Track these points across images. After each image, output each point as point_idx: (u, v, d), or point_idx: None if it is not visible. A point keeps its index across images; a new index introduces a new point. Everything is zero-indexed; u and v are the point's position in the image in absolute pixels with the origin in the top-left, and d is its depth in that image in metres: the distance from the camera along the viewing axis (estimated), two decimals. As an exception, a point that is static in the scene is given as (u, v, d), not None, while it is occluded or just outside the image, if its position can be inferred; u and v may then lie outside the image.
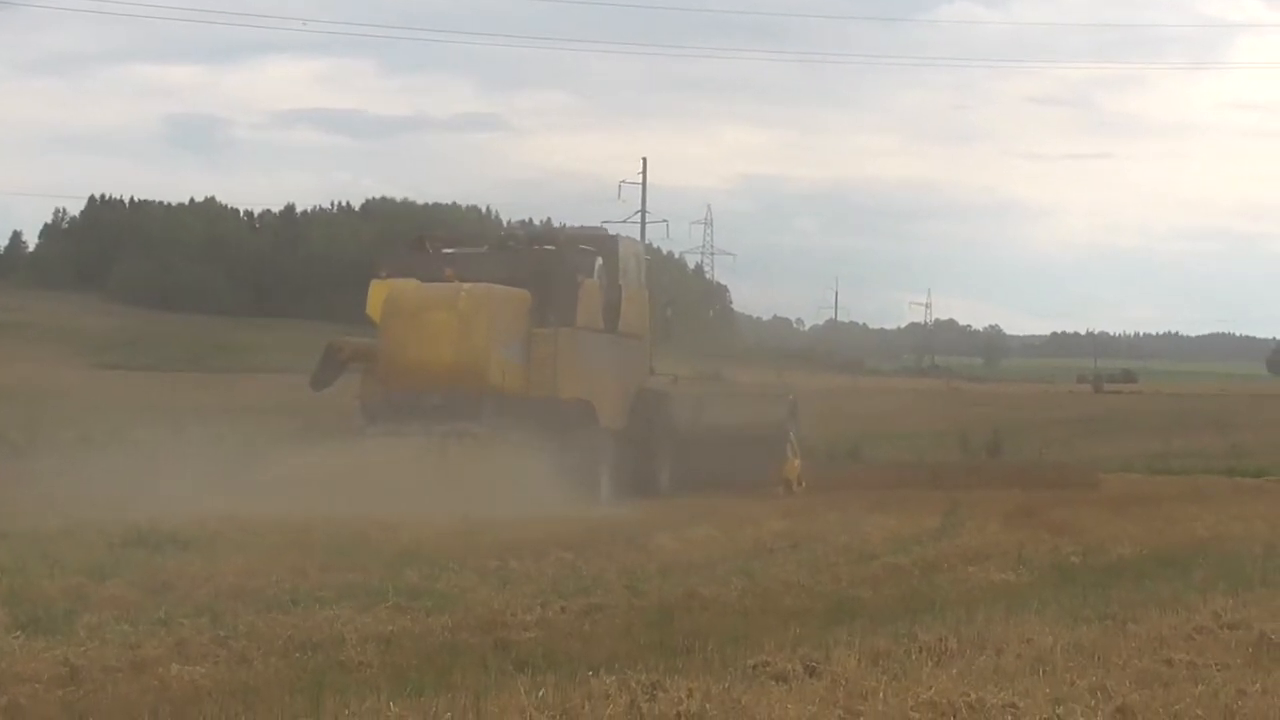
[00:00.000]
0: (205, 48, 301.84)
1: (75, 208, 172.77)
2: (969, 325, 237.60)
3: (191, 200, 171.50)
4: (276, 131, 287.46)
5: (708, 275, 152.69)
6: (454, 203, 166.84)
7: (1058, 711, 10.08)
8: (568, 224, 37.75)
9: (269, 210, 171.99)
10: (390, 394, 30.45)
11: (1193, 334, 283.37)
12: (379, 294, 31.12)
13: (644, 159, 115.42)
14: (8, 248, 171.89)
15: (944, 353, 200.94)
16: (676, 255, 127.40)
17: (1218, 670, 11.85)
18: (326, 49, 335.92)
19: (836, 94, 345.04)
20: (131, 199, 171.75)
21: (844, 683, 11.02)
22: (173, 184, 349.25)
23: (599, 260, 32.71)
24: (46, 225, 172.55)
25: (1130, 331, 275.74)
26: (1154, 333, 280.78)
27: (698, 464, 34.26)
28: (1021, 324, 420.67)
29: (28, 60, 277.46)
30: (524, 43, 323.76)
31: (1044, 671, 11.58)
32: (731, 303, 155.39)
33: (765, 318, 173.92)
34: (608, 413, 32.39)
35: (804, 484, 35.15)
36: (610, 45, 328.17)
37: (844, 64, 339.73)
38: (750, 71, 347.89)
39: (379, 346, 30.80)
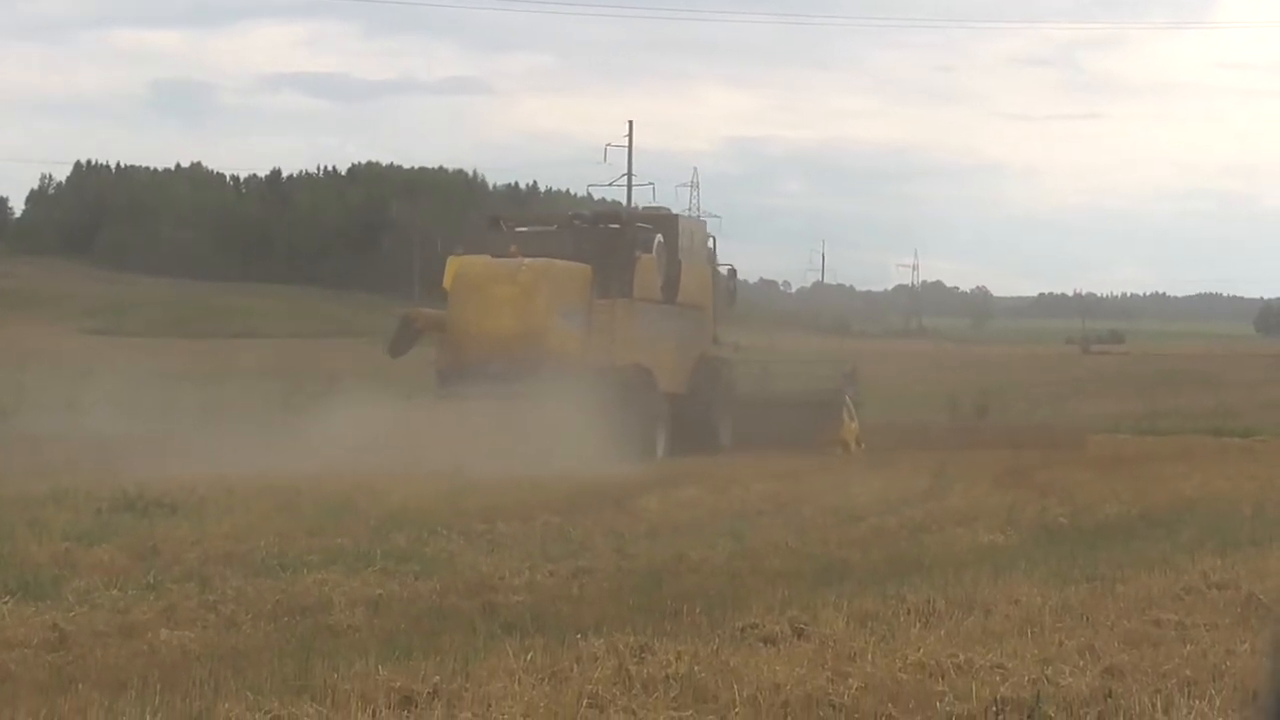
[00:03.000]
0: (188, 12, 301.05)
1: (62, 173, 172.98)
2: (956, 287, 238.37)
3: (178, 165, 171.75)
4: (261, 96, 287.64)
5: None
6: (440, 166, 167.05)
7: (1046, 672, 10.08)
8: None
9: (255, 175, 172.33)
10: (459, 359, 32.75)
11: (1180, 294, 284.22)
12: (453, 269, 33.48)
13: (630, 122, 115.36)
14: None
15: (931, 314, 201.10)
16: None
17: (1206, 630, 11.85)
18: (309, 12, 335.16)
19: (820, 55, 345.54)
20: (118, 164, 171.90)
21: (832, 644, 11.02)
22: (159, 149, 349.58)
23: (659, 238, 34.94)
24: (33, 191, 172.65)
25: (1118, 292, 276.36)
26: (1141, 293, 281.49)
27: (758, 425, 36.18)
28: (1009, 285, 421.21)
29: (12, 25, 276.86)
30: (507, 5, 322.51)
31: (1032, 632, 11.58)
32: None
33: (752, 280, 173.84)
34: (666, 378, 34.69)
35: (863, 445, 36.08)
36: (594, 7, 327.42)
37: (828, 25, 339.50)
38: (734, 33, 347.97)
39: (449, 316, 33.25)
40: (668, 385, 34.76)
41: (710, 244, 38.59)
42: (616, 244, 34.23)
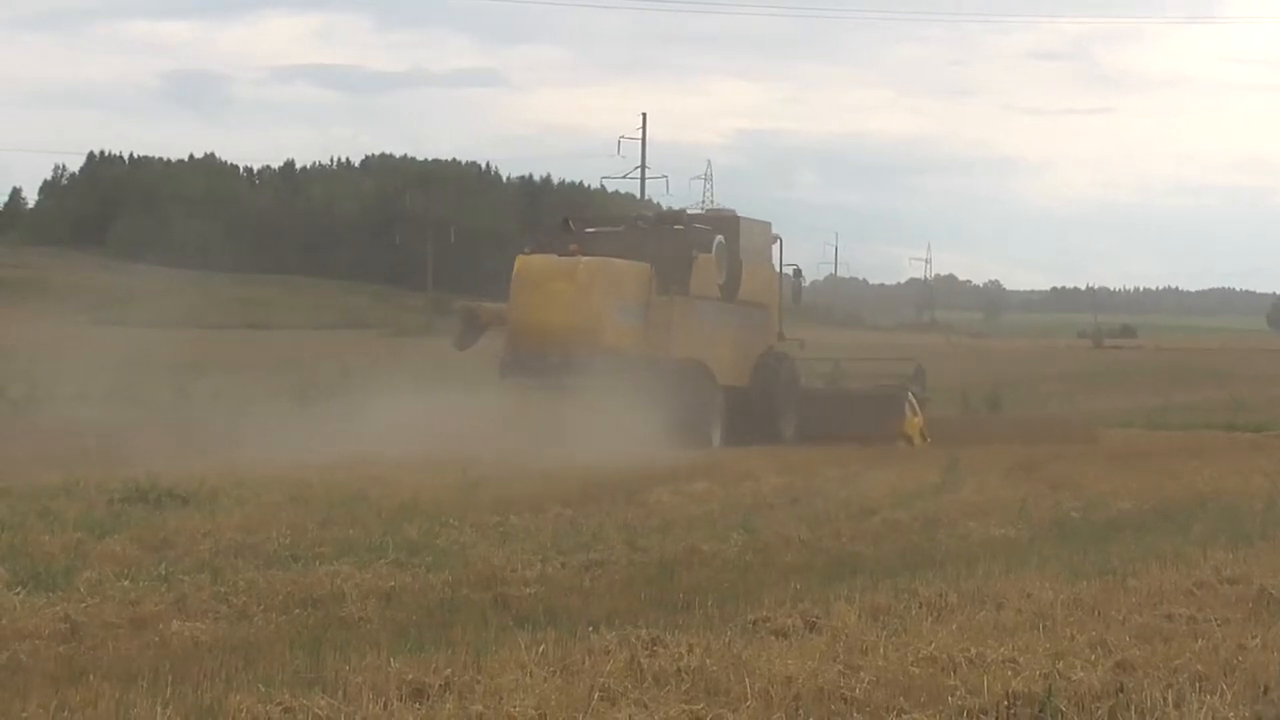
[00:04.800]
0: (201, 3, 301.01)
1: (75, 164, 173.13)
2: (969, 280, 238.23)
3: (191, 156, 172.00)
4: (275, 87, 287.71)
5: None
6: (454, 159, 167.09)
7: (1058, 666, 10.08)
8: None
9: (268, 166, 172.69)
10: (519, 352, 34.36)
11: (1193, 289, 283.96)
12: (518, 266, 35.19)
13: (643, 115, 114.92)
14: (7, 204, 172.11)
15: (944, 308, 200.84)
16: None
17: (1218, 625, 11.85)
18: (321, 4, 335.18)
19: (834, 49, 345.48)
20: (131, 155, 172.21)
21: (844, 638, 11.02)
22: (172, 140, 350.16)
23: (718, 238, 36.45)
24: (46, 182, 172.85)
25: (1130, 286, 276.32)
26: (1154, 288, 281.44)
27: (823, 419, 37.65)
28: (1022, 279, 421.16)
29: (25, 15, 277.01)
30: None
31: (1044, 627, 11.58)
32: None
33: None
34: (724, 372, 36.23)
35: (929, 439, 36.60)
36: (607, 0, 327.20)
37: (841, 18, 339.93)
38: (748, 26, 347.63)
39: (510, 311, 34.95)
40: (726, 379, 36.21)
41: (776, 245, 39.72)
42: (677, 244, 35.79)
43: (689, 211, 39.46)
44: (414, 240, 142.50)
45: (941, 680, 9.89)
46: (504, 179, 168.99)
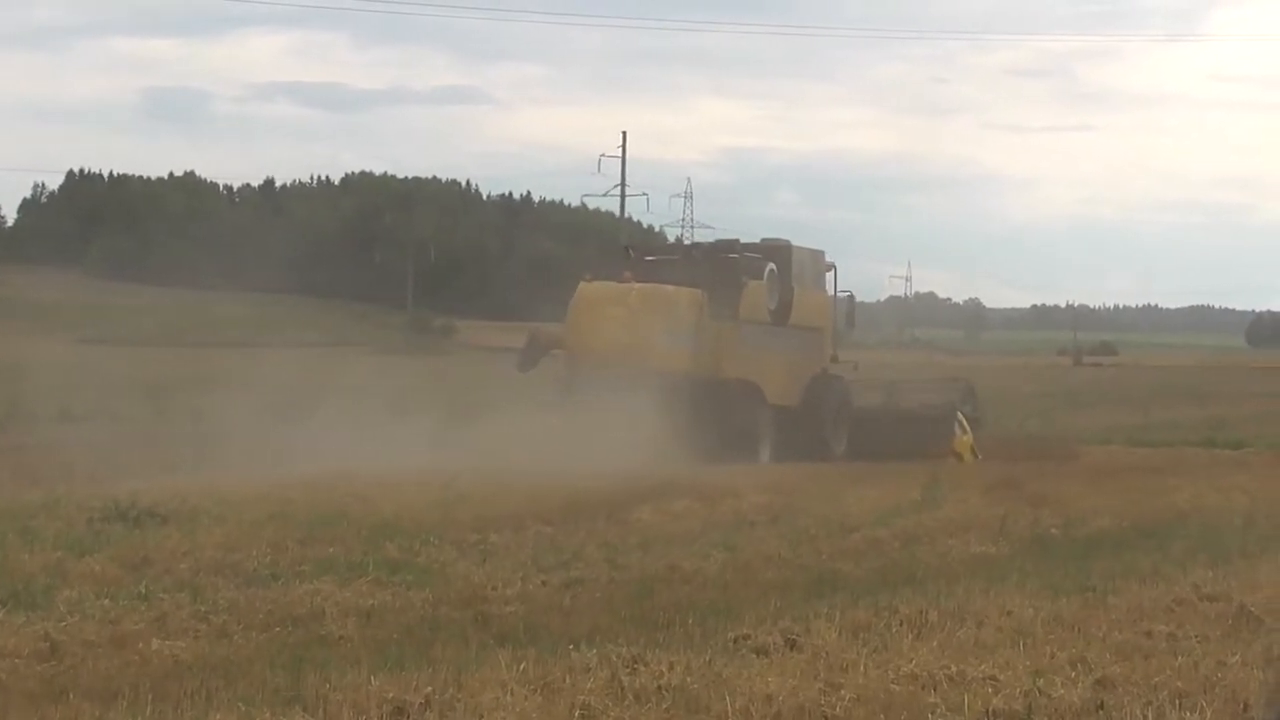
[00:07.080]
0: (181, 21, 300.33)
1: (54, 182, 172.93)
2: (949, 298, 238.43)
3: (171, 174, 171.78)
4: (255, 105, 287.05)
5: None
6: (434, 176, 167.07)
7: (1038, 684, 10.10)
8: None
9: (248, 184, 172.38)
10: (576, 372, 36.19)
11: (1172, 306, 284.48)
12: (578, 292, 37.21)
13: (624, 133, 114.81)
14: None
15: (924, 325, 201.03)
16: (657, 229, 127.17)
17: (1197, 642, 11.88)
18: (301, 22, 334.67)
19: (815, 66, 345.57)
20: (111, 173, 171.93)
21: (824, 655, 11.04)
22: (152, 158, 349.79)
23: (770, 266, 38.04)
24: (25, 200, 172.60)
25: (1110, 304, 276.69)
26: (1134, 305, 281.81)
27: (874, 438, 38.93)
28: (1002, 297, 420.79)
29: (4, 33, 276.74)
30: (500, 15, 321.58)
31: (1024, 644, 11.60)
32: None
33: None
34: (775, 392, 37.79)
35: (980, 456, 38.11)
36: (587, 17, 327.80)
37: (823, 36, 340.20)
38: (730, 44, 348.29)
39: (567, 334, 37.07)
40: (776, 399, 37.59)
41: (830, 273, 41.06)
42: (729, 271, 37.27)
43: (742, 241, 40.30)
44: (394, 258, 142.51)
45: (922, 698, 9.90)
46: (484, 197, 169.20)
